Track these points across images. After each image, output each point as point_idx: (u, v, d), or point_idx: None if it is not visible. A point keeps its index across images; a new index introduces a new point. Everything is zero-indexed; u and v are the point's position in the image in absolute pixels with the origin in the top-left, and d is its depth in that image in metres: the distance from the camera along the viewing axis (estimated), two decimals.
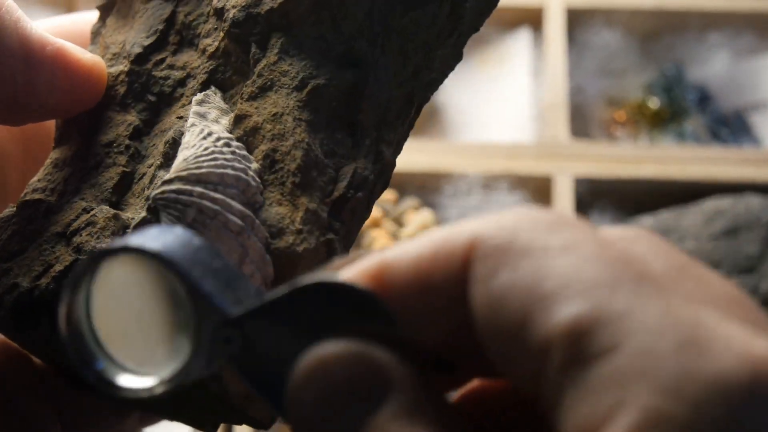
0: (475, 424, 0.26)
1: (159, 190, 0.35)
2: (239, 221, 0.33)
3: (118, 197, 0.38)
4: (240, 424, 0.36)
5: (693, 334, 0.21)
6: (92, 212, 0.37)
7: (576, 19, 1.07)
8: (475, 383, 0.29)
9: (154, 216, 0.35)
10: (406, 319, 0.27)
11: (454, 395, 0.28)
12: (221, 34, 0.39)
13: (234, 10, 0.38)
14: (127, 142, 0.39)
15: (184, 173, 0.35)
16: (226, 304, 0.28)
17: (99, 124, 0.41)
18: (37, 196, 0.39)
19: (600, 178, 0.92)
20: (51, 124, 0.45)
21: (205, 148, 0.35)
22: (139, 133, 0.40)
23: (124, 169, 0.39)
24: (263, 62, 0.37)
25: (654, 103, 1.04)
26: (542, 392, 0.22)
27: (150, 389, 0.28)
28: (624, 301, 0.21)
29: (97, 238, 0.36)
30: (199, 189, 0.34)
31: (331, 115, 0.36)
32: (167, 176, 0.35)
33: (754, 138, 1.06)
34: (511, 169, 0.92)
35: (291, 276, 0.34)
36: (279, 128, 0.35)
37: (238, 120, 0.37)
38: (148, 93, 0.40)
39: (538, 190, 0.92)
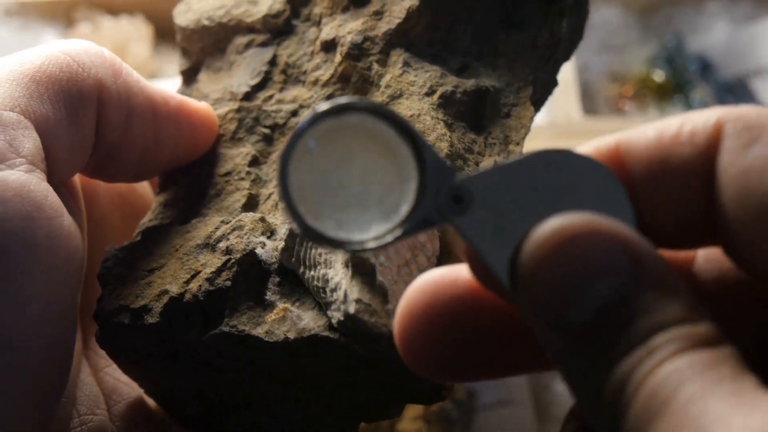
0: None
1: None
2: None
3: None
4: (413, 401, 0.36)
5: None
6: (233, 221, 0.38)
7: None
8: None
9: None
10: (642, 194, 0.28)
11: None
12: (339, 58, 0.40)
13: (351, 35, 0.40)
14: (247, 169, 0.41)
15: None
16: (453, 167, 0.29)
17: (210, 160, 0.42)
18: (152, 224, 0.41)
19: None
20: (143, 189, 0.46)
21: None
22: (257, 162, 0.41)
23: (250, 191, 0.40)
24: (388, 76, 0.39)
25: (659, 75, 1.05)
26: None
27: (372, 239, 0.29)
28: None
29: (247, 239, 0.37)
30: None
31: (460, 118, 0.38)
32: None
33: (758, 104, 1.07)
34: (527, 150, 0.93)
35: (456, 250, 0.36)
36: (419, 127, 0.37)
37: None
38: (260, 126, 0.42)
39: None
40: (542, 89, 0.41)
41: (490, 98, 0.38)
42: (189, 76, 0.46)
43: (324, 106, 0.30)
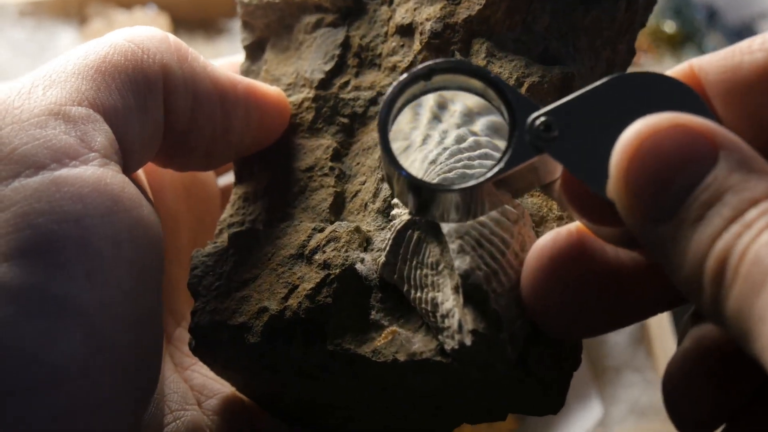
0: None
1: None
2: (514, 210, 0.35)
3: (335, 217, 0.39)
4: (525, 411, 0.36)
5: None
6: (328, 230, 0.38)
7: None
8: None
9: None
10: (719, 107, 0.30)
11: None
12: (418, 46, 0.40)
13: (429, 23, 0.39)
14: (329, 164, 0.40)
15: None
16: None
17: (289, 152, 0.41)
18: (239, 228, 0.40)
19: None
20: (207, 178, 0.45)
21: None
22: (339, 155, 0.40)
23: (335, 189, 0.39)
24: None
25: (669, 26, 1.06)
26: None
27: (473, 178, 0.31)
28: None
29: (345, 252, 0.37)
30: None
31: None
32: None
33: None
34: None
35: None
36: None
37: None
38: (339, 115, 0.41)
39: None
40: (622, 61, 0.41)
41: (576, 85, 0.37)
42: (253, 51, 0.45)
43: (412, 70, 0.32)
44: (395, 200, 0.37)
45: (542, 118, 0.30)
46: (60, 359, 0.30)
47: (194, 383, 0.40)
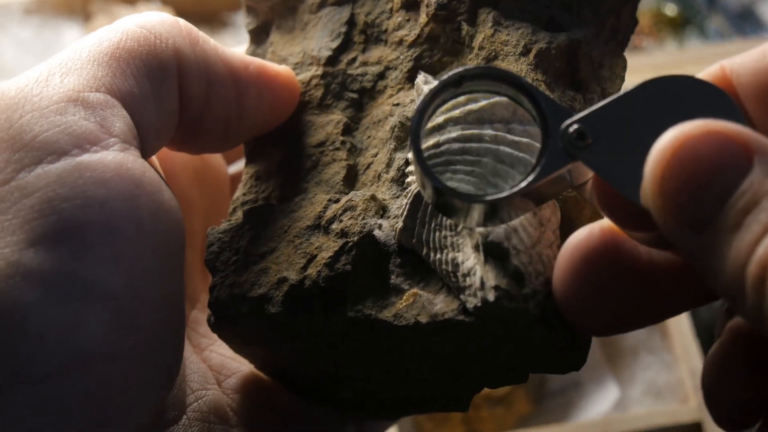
0: None
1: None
2: None
3: (349, 189, 0.39)
4: (546, 370, 0.36)
5: None
6: (344, 200, 0.38)
7: None
8: None
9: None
10: (752, 109, 0.30)
11: None
12: (424, 18, 0.40)
13: None
14: (341, 138, 0.40)
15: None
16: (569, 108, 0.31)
17: (300, 129, 0.41)
18: (254, 204, 0.40)
19: None
20: (216, 161, 0.45)
21: None
22: (349, 129, 0.41)
23: (348, 162, 0.39)
24: (480, 36, 0.38)
25: (671, 9, 1.06)
26: None
27: (507, 188, 0.30)
28: None
29: (362, 220, 0.37)
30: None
31: (557, 75, 0.37)
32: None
33: (765, 30, 1.09)
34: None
35: (578, 220, 0.36)
36: None
37: None
38: (347, 91, 0.41)
39: None
40: (625, 28, 0.40)
41: (582, 51, 0.37)
42: (258, 35, 0.45)
43: (443, 78, 0.32)
44: (410, 168, 0.37)
45: (575, 126, 0.30)
46: (88, 342, 0.30)
47: (212, 363, 0.41)
